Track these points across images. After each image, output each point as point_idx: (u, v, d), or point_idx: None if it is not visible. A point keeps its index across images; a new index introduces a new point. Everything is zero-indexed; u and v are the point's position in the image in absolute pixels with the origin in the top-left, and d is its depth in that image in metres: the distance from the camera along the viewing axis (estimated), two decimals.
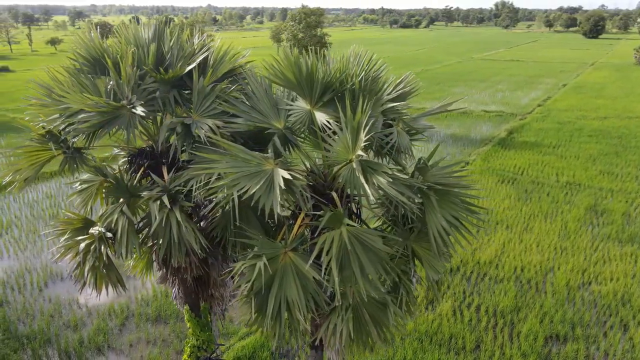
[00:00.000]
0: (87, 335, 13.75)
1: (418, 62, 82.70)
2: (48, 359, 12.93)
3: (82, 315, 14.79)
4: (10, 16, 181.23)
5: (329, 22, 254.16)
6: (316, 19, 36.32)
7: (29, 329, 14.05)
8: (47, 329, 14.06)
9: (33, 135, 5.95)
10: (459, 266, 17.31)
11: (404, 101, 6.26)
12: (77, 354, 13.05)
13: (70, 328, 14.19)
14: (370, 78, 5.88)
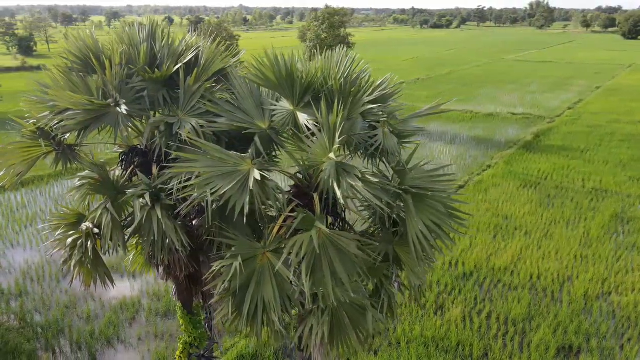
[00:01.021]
0: (99, 328, 14.10)
1: (446, 63, 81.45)
2: (60, 349, 13.33)
3: (96, 307, 15.18)
4: (50, 16, 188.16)
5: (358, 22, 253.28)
6: (340, 19, 36.21)
7: (44, 319, 14.51)
8: (62, 320, 14.49)
9: (25, 132, 6.16)
10: (472, 272, 16.94)
11: (385, 103, 6.13)
12: (87, 345, 13.41)
13: (83, 320, 14.59)
14: (350, 79, 5.80)
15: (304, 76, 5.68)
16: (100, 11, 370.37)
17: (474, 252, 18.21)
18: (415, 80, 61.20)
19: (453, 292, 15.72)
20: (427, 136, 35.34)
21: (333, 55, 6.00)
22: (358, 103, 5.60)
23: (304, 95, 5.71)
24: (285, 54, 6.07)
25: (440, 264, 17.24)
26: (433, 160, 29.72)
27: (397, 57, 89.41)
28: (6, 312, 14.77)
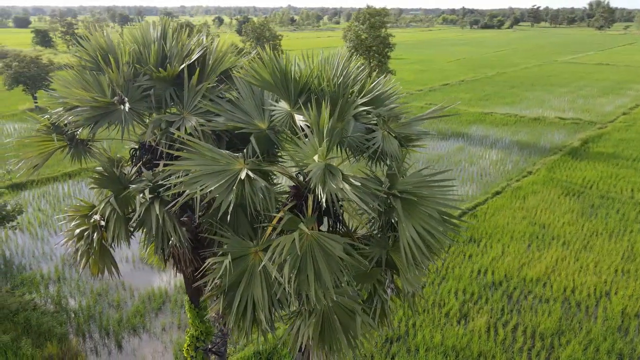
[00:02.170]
0: (126, 316, 14.68)
1: (493, 64, 78.95)
2: (89, 334, 13.96)
3: (125, 296, 15.80)
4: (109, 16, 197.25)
5: (405, 22, 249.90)
6: (380, 20, 35.84)
7: (77, 304, 15.26)
8: (93, 307, 15.18)
9: (40, 127, 6.51)
10: (502, 281, 16.36)
11: (382, 105, 5.99)
12: (115, 332, 13.98)
13: (112, 307, 15.22)
14: (342, 81, 5.72)
15: (296, 77, 5.67)
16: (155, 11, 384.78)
17: (505, 260, 17.58)
18: (459, 82, 59.72)
19: (479, 301, 15.24)
20: (466, 140, 34.44)
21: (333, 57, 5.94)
22: (350, 105, 5.52)
23: (299, 96, 5.70)
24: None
25: (468, 271, 16.76)
26: (472, 165, 28.91)
27: (442, 58, 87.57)
28: (44, 295, 15.63)
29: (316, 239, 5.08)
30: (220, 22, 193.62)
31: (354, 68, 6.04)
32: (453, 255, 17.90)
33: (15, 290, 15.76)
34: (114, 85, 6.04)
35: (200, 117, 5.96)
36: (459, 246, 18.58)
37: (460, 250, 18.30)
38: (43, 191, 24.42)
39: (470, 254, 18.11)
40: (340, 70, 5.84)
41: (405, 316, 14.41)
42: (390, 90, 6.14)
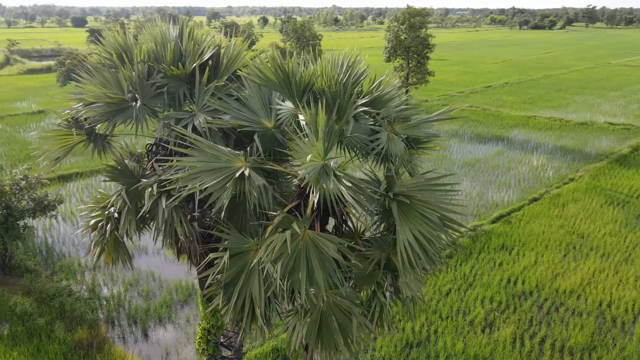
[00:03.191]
0: (154, 306, 15.17)
1: (541, 66, 76.06)
2: (118, 322, 14.53)
3: (154, 287, 16.34)
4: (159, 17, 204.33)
5: (451, 22, 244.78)
6: (421, 20, 35.28)
7: (109, 292, 15.92)
8: (124, 295, 15.79)
9: (61, 121, 6.84)
10: (532, 291, 15.76)
11: (383, 106, 5.88)
12: (142, 321, 14.47)
13: (142, 297, 15.78)
14: (343, 82, 5.65)
15: (297, 77, 5.67)
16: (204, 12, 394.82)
17: (537, 270, 16.92)
18: (503, 85, 57.93)
19: (506, 311, 14.75)
20: (506, 144, 33.38)
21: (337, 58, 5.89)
22: (350, 105, 5.46)
23: (302, 95, 5.71)
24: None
25: (497, 279, 16.25)
26: (510, 170, 28.00)
27: (486, 60, 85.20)
28: (80, 282, 16.40)
29: (312, 238, 5.09)
30: (265, 22, 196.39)
31: (359, 68, 5.98)
32: (482, 263, 17.41)
33: (54, 276, 16.61)
34: (128, 83, 6.26)
35: (209, 115, 6.09)
36: (488, 253, 18.06)
37: (491, 258, 17.78)
38: (86, 183, 25.58)
39: (500, 262, 17.55)
40: (344, 70, 5.80)
41: (428, 322, 14.16)
42: (392, 91, 6.02)
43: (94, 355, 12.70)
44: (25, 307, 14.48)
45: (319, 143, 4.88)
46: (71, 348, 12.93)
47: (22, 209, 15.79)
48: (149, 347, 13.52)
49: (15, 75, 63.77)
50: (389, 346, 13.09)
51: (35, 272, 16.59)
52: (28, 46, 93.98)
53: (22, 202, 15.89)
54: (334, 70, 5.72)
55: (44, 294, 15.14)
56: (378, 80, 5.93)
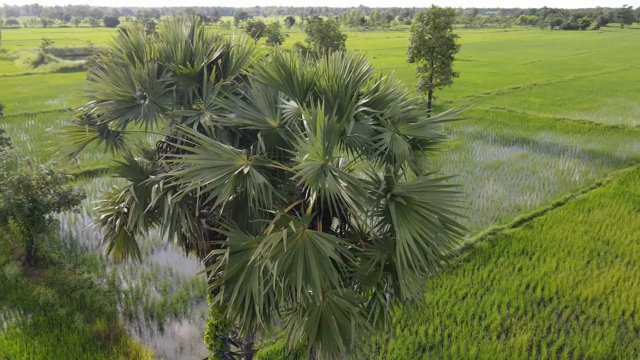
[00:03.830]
0: (170, 300, 15.45)
1: (573, 67, 74.04)
2: (135, 314, 14.86)
3: (172, 282, 16.63)
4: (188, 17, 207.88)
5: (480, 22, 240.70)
6: (445, 20, 34.82)
7: (128, 286, 16.28)
8: (142, 289, 16.13)
9: (75, 118, 7.04)
10: (552, 298, 15.37)
11: (385, 106, 5.82)
12: (158, 315, 14.76)
13: (159, 291, 16.09)
14: (345, 81, 5.62)
15: (299, 76, 5.68)
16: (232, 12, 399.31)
17: (558, 276, 16.50)
18: (531, 86, 56.65)
19: (524, 317, 14.43)
20: (531, 147, 32.64)
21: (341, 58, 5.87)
22: (353, 105, 5.43)
23: (305, 95, 5.72)
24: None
25: (515, 284, 15.92)
26: (534, 173, 27.37)
27: (515, 61, 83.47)
28: (101, 275, 16.83)
29: (310, 237, 5.09)
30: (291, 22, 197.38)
31: (363, 68, 5.95)
32: (501, 267, 17.08)
33: (77, 268, 17.09)
34: (137, 81, 6.41)
35: (216, 113, 6.17)
36: (508, 258, 17.70)
37: (510, 262, 17.42)
38: (112, 179, 26.23)
39: (520, 267, 17.18)
40: (347, 70, 5.78)
41: (442, 325, 13.98)
42: (394, 91, 5.96)
43: (110, 346, 13.02)
44: (48, 298, 14.97)
45: (317, 142, 4.88)
46: (89, 339, 13.29)
47: (48, 203, 16.30)
48: (164, 341, 13.78)
49: (48, 74, 65.86)
50: (400, 349, 12.98)
51: (59, 264, 17.12)
52: (62, 45, 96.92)
53: (48, 196, 16.40)
54: (337, 70, 5.72)
55: (66, 285, 15.61)
56: (379, 80, 5.88)
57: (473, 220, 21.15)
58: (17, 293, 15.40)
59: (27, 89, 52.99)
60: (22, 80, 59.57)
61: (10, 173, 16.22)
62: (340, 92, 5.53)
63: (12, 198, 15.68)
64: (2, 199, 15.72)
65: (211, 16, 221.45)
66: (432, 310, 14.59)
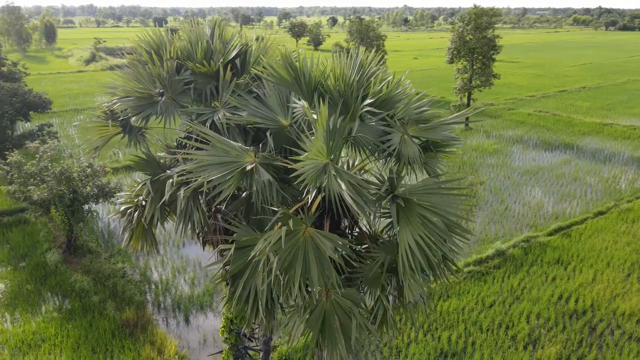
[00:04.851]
0: (197, 293, 15.85)
1: (625, 70, 70.39)
2: (163, 305, 15.34)
3: (200, 275, 17.05)
4: (233, 17, 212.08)
5: (529, 22, 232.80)
6: (487, 20, 33.87)
7: (159, 277, 16.83)
8: (172, 281, 16.63)
9: (99, 113, 7.36)
10: (586, 310, 14.71)
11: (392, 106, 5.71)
12: (184, 306, 15.17)
13: (187, 284, 16.53)
14: (351, 81, 5.58)
15: (306, 76, 5.69)
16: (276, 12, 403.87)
17: (595, 288, 15.76)
18: (580, 89, 54.30)
19: (554, 329, 13.89)
20: (575, 152, 31.31)
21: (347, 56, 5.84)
22: (358, 104, 5.38)
23: (313, 94, 5.73)
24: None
25: (547, 294, 15.34)
26: (576, 180, 26.25)
27: (563, 62, 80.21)
28: (134, 266, 17.47)
29: (312, 236, 5.12)
30: (334, 22, 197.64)
31: (373, 68, 5.90)
32: (533, 276, 16.50)
33: (112, 258, 17.81)
34: (157, 79, 6.63)
35: (230, 111, 6.29)
36: (541, 266, 17.08)
37: (543, 271, 16.80)
38: None
39: (554, 277, 16.54)
40: (357, 70, 5.75)
41: (466, 332, 13.66)
42: (401, 92, 5.87)
43: (138, 334, 13.50)
44: (84, 285, 15.69)
45: (318, 142, 4.89)
46: (119, 326, 13.83)
47: (87, 194, 17.08)
48: (189, 332, 14.15)
49: (99, 71, 68.84)
50: (422, 353, 12.79)
51: (95, 253, 17.90)
52: (112, 44, 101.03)
53: (87, 188, 17.19)
54: (345, 70, 5.70)
55: (100, 274, 16.31)
56: (385, 81, 5.81)
57: (506, 227, 20.53)
58: (56, 279, 16.23)
59: (78, 86, 55.67)
60: (74, 77, 62.59)
61: (53, 165, 17.11)
62: (346, 92, 5.52)
63: (54, 188, 16.52)
64: (46, 189, 16.60)
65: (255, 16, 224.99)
66: (457, 317, 14.28)
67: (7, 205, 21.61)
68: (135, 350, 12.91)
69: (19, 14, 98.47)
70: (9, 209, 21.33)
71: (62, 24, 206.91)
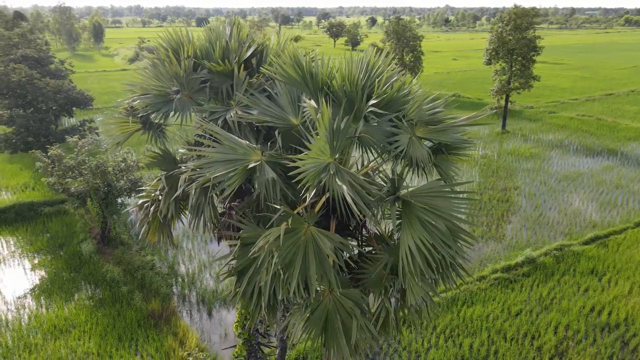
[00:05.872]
0: (221, 288, 16.15)
1: None
2: (188, 298, 15.71)
3: (225, 270, 17.34)
4: (272, 17, 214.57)
5: (577, 23, 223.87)
6: (528, 21, 32.80)
7: (185, 271, 17.26)
8: (198, 275, 17.01)
9: (121, 109, 7.62)
10: (619, 324, 14.04)
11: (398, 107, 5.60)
12: (208, 300, 15.50)
13: (212, 279, 16.87)
14: (357, 81, 5.51)
15: (313, 75, 5.68)
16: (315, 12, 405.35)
17: (630, 301, 15.03)
18: (628, 92, 51.77)
19: (583, 342, 13.33)
20: (618, 158, 29.90)
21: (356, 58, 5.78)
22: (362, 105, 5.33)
23: (320, 93, 5.72)
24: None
25: (578, 306, 14.73)
26: (618, 188, 25.07)
27: (612, 65, 76.67)
28: (163, 259, 17.98)
29: (313, 235, 5.13)
30: (373, 22, 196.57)
31: (382, 68, 5.83)
32: (564, 286, 15.90)
33: (142, 250, 18.39)
34: (174, 77, 6.81)
35: (243, 109, 6.39)
36: (573, 276, 16.42)
37: (575, 282, 16.15)
38: None
39: (587, 288, 15.88)
40: (365, 70, 5.70)
41: (489, 340, 13.31)
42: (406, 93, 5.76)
43: (162, 325, 13.89)
44: (114, 275, 16.29)
45: (320, 141, 4.90)
46: (145, 316, 14.28)
47: (120, 188, 17.71)
48: (211, 325, 14.44)
49: (141, 70, 71.06)
50: (441, 359, 12.57)
51: (127, 245, 18.54)
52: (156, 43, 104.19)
53: (121, 182, 17.82)
54: (352, 70, 5.67)
55: (130, 265, 16.89)
56: (391, 81, 5.72)
57: (539, 234, 19.85)
58: (89, 268, 16.93)
59: (121, 83, 57.75)
60: (119, 75, 64.96)
61: (90, 159, 17.84)
62: (352, 92, 5.50)
63: (90, 181, 17.23)
64: (82, 182, 17.33)
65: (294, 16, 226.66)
66: (481, 324, 13.94)
67: (49, 196, 22.71)
68: (159, 340, 13.29)
69: (70, 14, 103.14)
70: (50, 200, 22.38)
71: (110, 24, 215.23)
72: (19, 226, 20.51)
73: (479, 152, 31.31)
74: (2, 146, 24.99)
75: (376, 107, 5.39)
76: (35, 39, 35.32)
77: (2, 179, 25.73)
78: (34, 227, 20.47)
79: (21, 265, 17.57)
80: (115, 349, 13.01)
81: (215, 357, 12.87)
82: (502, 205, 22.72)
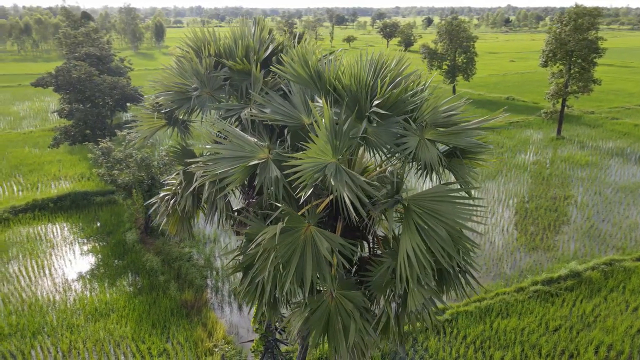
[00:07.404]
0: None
1: None
2: (220, 291, 16.09)
3: None
4: (327, 17, 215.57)
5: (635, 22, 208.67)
6: (590, 21, 30.95)
7: (220, 264, 17.70)
8: None
9: (147, 105, 7.90)
10: None
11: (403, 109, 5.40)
12: (233, 295, 15.80)
13: None
14: (364, 81, 5.37)
15: (320, 75, 5.61)
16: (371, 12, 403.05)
17: None
18: None
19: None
20: None
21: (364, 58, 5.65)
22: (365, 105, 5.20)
23: (327, 93, 5.65)
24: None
25: (625, 325, 13.77)
26: None
27: None
28: (201, 252, 18.54)
29: (313, 235, 5.10)
30: (429, 22, 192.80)
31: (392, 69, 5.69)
32: (611, 303, 14.90)
33: (181, 242, 19.05)
34: (195, 75, 6.99)
35: (257, 107, 6.46)
36: (622, 294, 15.36)
37: (624, 299, 15.11)
38: None
39: (636, 307, 14.81)
40: (373, 71, 5.58)
41: (522, 355, 12.71)
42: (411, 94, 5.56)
43: (193, 315, 14.33)
44: (153, 265, 16.98)
45: (320, 141, 4.86)
46: (178, 305, 14.79)
47: (163, 181, 18.42)
48: (240, 319, 14.72)
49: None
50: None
51: (167, 236, 19.25)
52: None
53: (164, 175, 18.53)
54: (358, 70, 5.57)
55: (169, 256, 17.54)
56: (395, 81, 5.55)
57: (588, 246, 18.72)
58: (131, 257, 17.74)
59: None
60: None
61: (136, 153, 18.69)
62: (358, 93, 5.41)
63: (135, 174, 18.05)
64: (129, 174, 18.18)
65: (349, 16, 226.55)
66: (515, 337, 13.34)
67: (101, 186, 24.02)
68: (189, 329, 13.72)
69: (135, 14, 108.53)
70: (102, 190, 23.68)
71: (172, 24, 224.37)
72: (73, 213, 21.85)
73: (531, 158, 29.95)
74: (62, 138, 26.68)
75: (380, 107, 5.28)
76: (98, 37, 37.46)
77: (62, 169, 27.50)
78: (86, 214, 21.74)
79: (72, 250, 18.70)
80: (149, 334, 13.56)
81: (241, 350, 13.11)
82: (551, 214, 21.63)
